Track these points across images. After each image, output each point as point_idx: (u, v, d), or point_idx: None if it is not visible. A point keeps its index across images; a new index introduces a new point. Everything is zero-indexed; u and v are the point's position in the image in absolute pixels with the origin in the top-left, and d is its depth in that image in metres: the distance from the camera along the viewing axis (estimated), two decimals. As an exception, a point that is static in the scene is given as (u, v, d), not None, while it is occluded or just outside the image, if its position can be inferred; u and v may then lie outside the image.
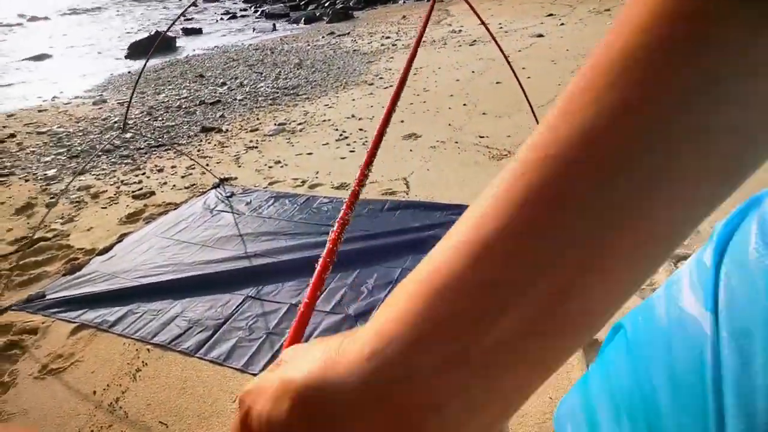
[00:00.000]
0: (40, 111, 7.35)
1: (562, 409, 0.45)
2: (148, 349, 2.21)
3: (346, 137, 4.83)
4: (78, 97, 8.30)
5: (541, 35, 8.74)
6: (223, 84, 7.90)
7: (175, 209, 3.65)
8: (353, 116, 5.50)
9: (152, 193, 4.00)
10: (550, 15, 10.55)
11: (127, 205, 3.79)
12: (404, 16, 14.17)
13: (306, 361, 0.21)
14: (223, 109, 6.46)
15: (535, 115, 3.22)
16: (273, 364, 0.25)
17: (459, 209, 3.07)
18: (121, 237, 3.29)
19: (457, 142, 4.34)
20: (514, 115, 4.84)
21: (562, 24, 9.46)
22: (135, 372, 2.08)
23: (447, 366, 0.18)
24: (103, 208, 3.81)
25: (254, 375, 2.00)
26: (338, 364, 0.20)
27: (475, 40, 9.14)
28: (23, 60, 12.35)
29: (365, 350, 0.19)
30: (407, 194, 3.49)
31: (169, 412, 1.85)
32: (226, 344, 2.21)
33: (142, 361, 2.13)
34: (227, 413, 1.80)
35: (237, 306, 2.47)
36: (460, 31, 10.62)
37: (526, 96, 3.20)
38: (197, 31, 16.44)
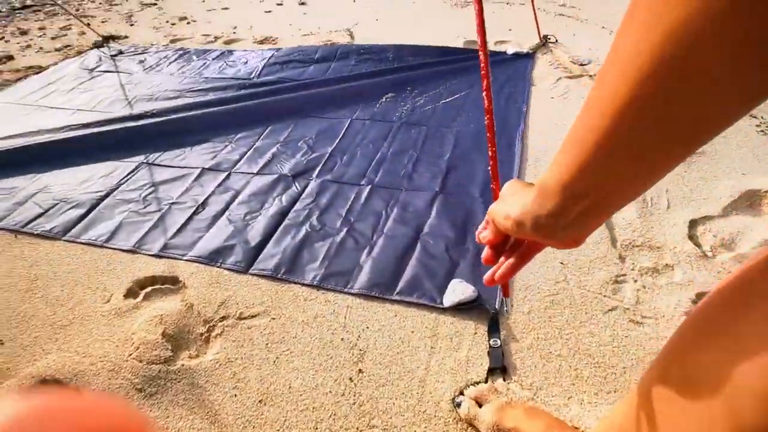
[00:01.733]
0: None
1: None
2: (-16, 237, 1.53)
3: (274, -9, 3.84)
4: None
5: None
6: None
7: (37, 73, 2.70)
8: (282, -31, 4.40)
9: (9, 58, 2.97)
10: None
11: (-28, 72, 2.78)
12: None
13: (518, 203, 0.40)
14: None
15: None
16: (498, 200, 0.46)
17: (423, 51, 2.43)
18: (-40, 106, 2.38)
19: (411, -8, 3.53)
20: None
21: None
22: (-35, 265, 1.43)
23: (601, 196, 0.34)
24: (-63, 76, 2.78)
25: (152, 256, 1.42)
26: (543, 204, 0.37)
27: None
28: None
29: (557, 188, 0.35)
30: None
31: (6, 322, 1.25)
32: (107, 223, 1.58)
33: (-26, 253, 1.47)
34: (97, 317, 1.24)
35: (126, 176, 1.80)
36: None
37: None
38: None
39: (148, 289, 1.33)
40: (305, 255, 1.40)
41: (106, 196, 1.70)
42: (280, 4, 3.52)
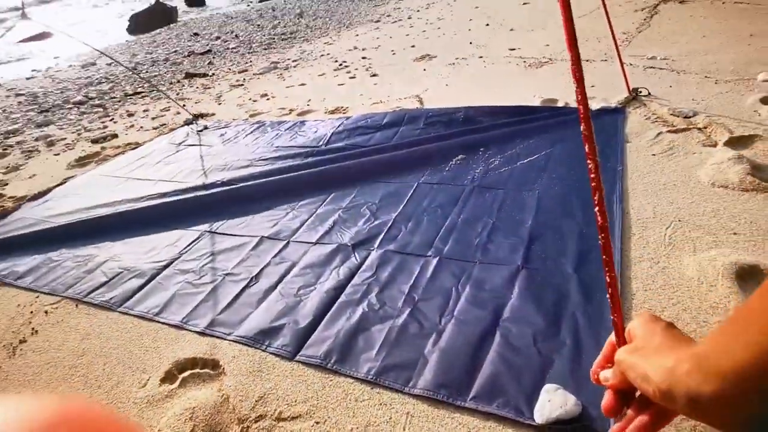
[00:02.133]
0: (28, 79, 6.80)
1: None
2: (46, 312, 1.53)
3: (347, 66, 4.04)
4: (71, 65, 7.72)
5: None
6: (217, 38, 7.17)
7: (134, 149, 2.97)
8: (355, 48, 4.69)
9: (114, 136, 3.33)
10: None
11: (83, 150, 3.13)
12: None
13: (663, 366, 0.33)
14: (213, 57, 5.74)
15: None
16: (631, 346, 0.39)
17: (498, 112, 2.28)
18: (65, 180, 2.63)
19: (481, 57, 3.49)
20: (548, 26, 3.94)
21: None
22: (18, 344, 1.41)
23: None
24: (55, 155, 3.17)
25: (197, 333, 1.31)
26: (702, 383, 0.29)
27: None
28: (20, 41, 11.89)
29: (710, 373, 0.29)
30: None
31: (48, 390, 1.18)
32: (163, 294, 1.52)
33: (33, 328, 1.46)
34: (129, 405, 1.11)
35: (188, 245, 1.77)
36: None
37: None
38: (200, 2, 15.69)
39: (187, 373, 1.19)
40: (360, 341, 1.19)
41: (167, 265, 1.67)
42: (353, 77, 3.66)
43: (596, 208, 0.55)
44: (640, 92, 2.23)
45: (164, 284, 1.57)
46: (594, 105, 2.17)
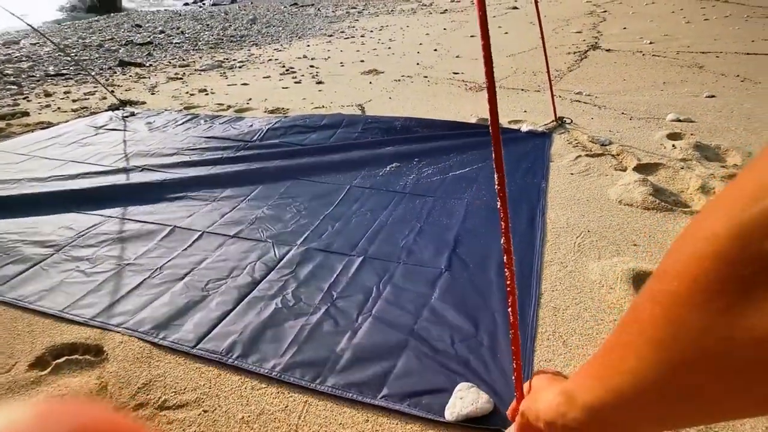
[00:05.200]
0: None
1: None
2: None
3: (293, 72, 3.98)
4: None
5: (515, 7, 8.23)
6: (161, 32, 6.83)
7: (45, 128, 2.68)
8: (305, 56, 4.65)
9: (25, 114, 2.99)
10: (524, -6, 10.09)
11: (-17, 125, 2.77)
12: (373, -7, 13.40)
13: (546, 401, 0.38)
14: (153, 49, 5.43)
15: (548, 60, 2.51)
16: (531, 395, 0.44)
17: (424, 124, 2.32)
18: (-47, 154, 2.30)
19: (426, 77, 3.59)
20: (494, 58, 4.16)
21: None
22: None
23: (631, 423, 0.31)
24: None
25: (80, 324, 1.14)
26: (567, 412, 0.35)
27: (446, 9, 8.51)
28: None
29: (584, 406, 0.33)
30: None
31: None
32: (45, 281, 1.33)
33: None
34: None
35: (84, 230, 1.59)
36: (430, 4, 9.99)
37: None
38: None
39: (62, 359, 1.03)
40: (268, 336, 1.10)
41: (57, 252, 1.48)
42: (298, 82, 3.61)
43: (509, 309, 0.54)
44: (565, 120, 2.39)
45: (48, 271, 1.38)
46: (524, 128, 2.28)
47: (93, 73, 4.15)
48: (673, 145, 2.01)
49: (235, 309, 1.19)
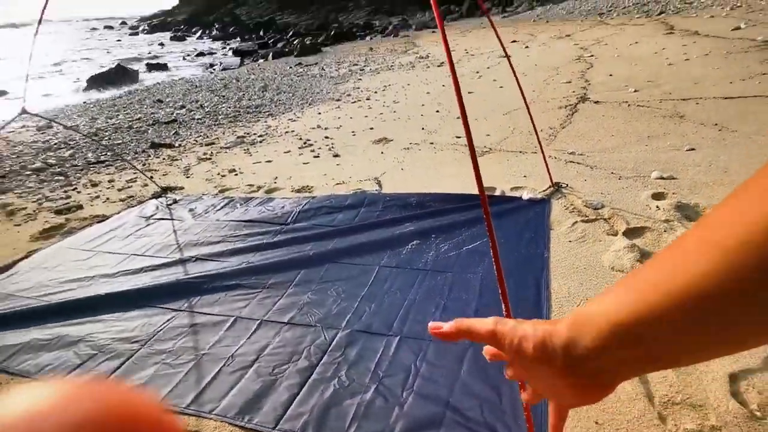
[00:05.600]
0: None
1: None
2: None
3: (311, 144, 4.40)
4: (24, 126, 7.60)
5: (510, 56, 8.76)
6: (182, 107, 7.42)
7: (101, 221, 3.04)
8: (319, 126, 5.10)
9: (79, 207, 3.38)
10: (514, 41, 10.75)
11: (46, 221, 3.16)
12: (371, 48, 14.30)
13: (536, 325, 0.37)
14: (178, 127, 5.95)
15: (531, 117, 2.89)
16: (516, 322, 0.39)
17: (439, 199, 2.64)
18: (28, 254, 2.65)
19: (432, 143, 3.97)
20: (490, 117, 4.55)
21: (527, 47, 9.59)
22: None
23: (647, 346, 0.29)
24: (16, 225, 3.17)
25: (179, 413, 1.42)
26: (557, 331, 0.35)
27: (442, 63, 9.10)
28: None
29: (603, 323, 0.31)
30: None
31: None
32: (140, 374, 1.62)
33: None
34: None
35: (162, 324, 1.88)
36: (427, 56, 10.66)
37: (523, 97, 2.86)
38: (162, 66, 16.07)
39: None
40: (333, 415, 1.36)
41: (142, 346, 1.77)
42: (317, 156, 4.00)
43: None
44: (562, 186, 2.69)
45: (140, 365, 1.67)
46: (525, 195, 2.58)
47: (129, 158, 4.61)
48: (657, 206, 2.29)
49: (301, 392, 1.46)
